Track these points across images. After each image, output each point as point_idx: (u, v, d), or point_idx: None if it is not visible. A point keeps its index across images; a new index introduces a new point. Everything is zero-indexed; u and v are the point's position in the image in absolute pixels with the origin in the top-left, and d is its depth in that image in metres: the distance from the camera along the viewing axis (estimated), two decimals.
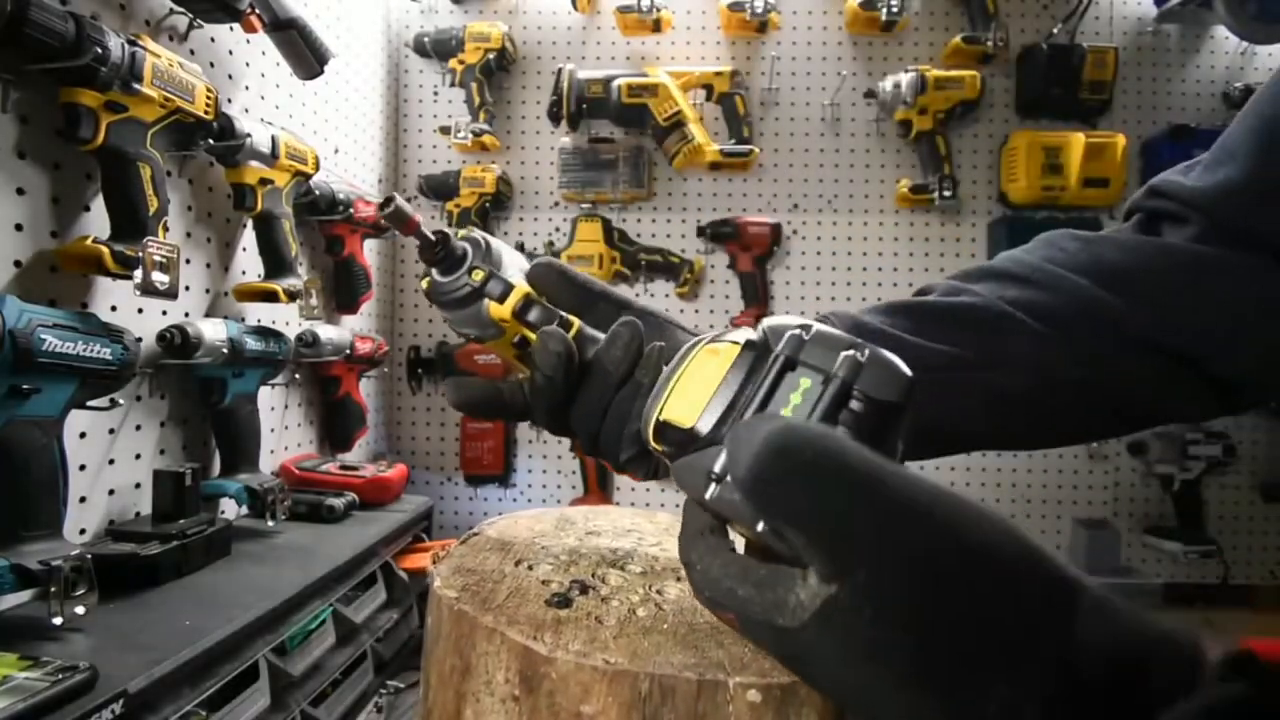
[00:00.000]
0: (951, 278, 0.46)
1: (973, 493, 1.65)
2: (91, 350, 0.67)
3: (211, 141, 0.91)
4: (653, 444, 0.33)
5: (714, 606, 0.28)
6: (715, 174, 1.67)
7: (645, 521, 0.50)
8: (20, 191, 0.71)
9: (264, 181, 0.99)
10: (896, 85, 1.59)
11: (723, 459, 0.27)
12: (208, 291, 1.00)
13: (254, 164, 0.97)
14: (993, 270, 0.45)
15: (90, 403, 0.71)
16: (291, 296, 1.03)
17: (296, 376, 1.24)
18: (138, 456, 0.87)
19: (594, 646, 0.30)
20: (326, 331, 1.19)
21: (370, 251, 1.47)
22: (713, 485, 0.28)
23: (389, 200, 0.38)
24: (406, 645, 1.14)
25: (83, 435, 0.79)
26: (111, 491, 0.83)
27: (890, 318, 0.43)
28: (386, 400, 1.69)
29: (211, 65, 0.99)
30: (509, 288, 0.39)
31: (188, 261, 0.95)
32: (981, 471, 1.66)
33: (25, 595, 0.69)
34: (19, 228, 0.71)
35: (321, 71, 1.11)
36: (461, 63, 1.59)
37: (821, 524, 0.22)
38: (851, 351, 0.27)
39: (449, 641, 0.33)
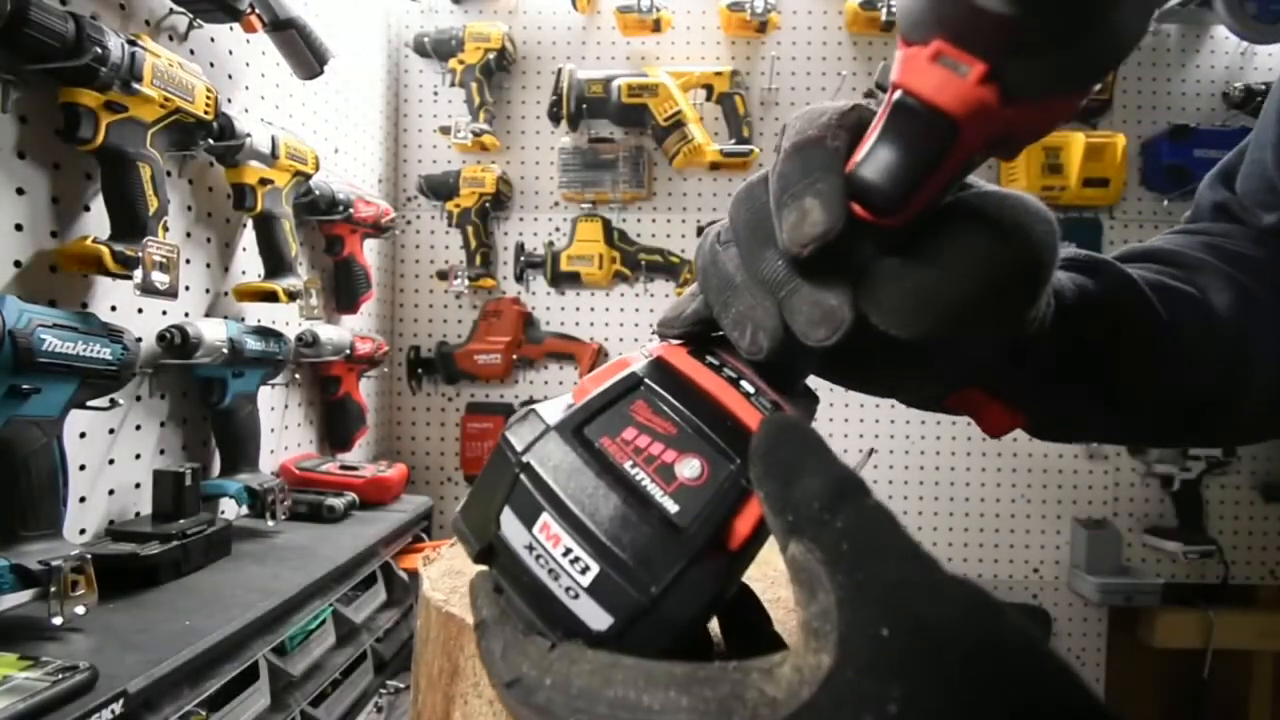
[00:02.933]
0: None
1: (972, 494, 1.65)
2: (91, 350, 0.67)
3: (211, 141, 0.91)
4: None
5: None
6: (715, 174, 1.67)
7: None
8: (20, 191, 0.71)
9: (264, 181, 0.99)
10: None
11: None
12: (208, 291, 1.00)
13: (254, 164, 0.97)
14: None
15: (90, 403, 0.71)
16: (291, 296, 1.02)
17: (296, 376, 1.24)
18: (138, 456, 0.87)
19: None
20: (326, 331, 1.19)
21: (370, 251, 1.47)
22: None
23: None
24: (406, 645, 1.14)
25: (83, 435, 0.79)
26: (111, 491, 0.83)
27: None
28: (386, 400, 1.69)
29: (211, 65, 0.99)
30: None
31: (188, 261, 0.95)
32: (981, 471, 1.66)
33: (25, 595, 0.69)
34: (19, 228, 0.71)
35: (321, 71, 1.11)
36: (461, 63, 1.58)
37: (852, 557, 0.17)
38: None
39: (437, 644, 0.33)
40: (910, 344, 0.23)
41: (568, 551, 0.22)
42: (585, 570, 0.21)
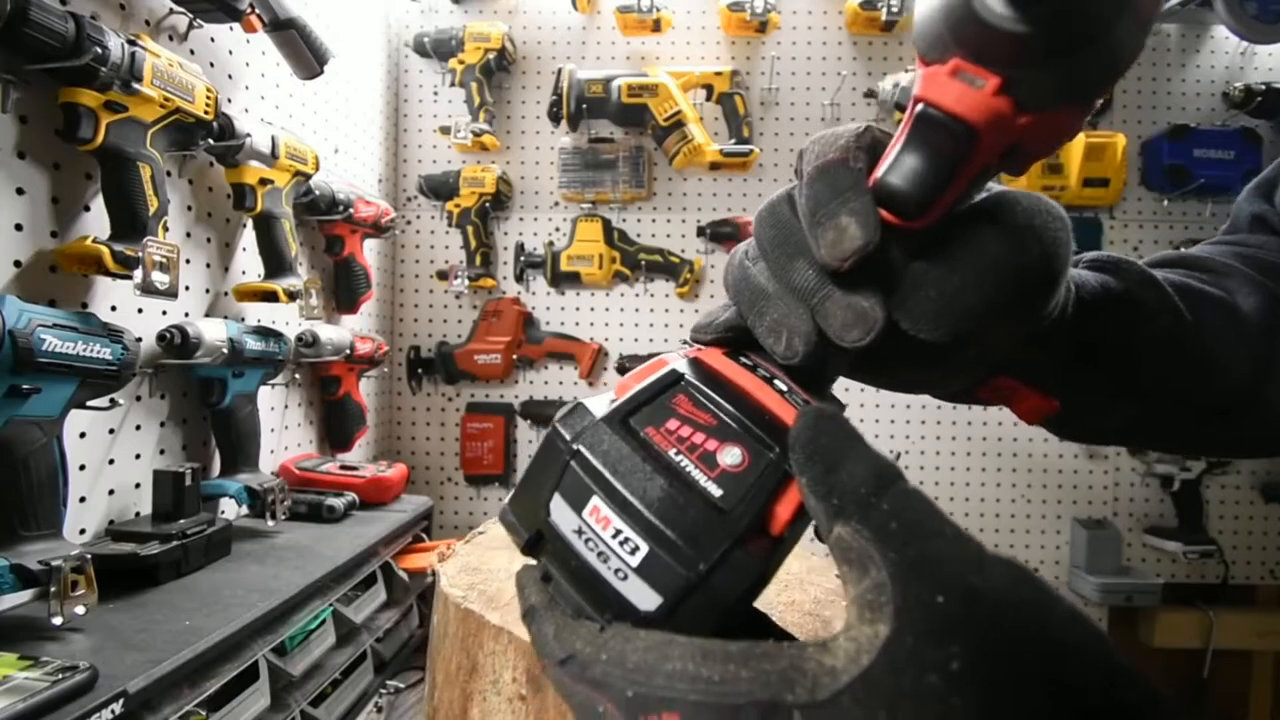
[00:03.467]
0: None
1: (972, 494, 1.65)
2: (91, 350, 0.67)
3: (211, 141, 0.91)
4: None
5: (644, 708, 0.19)
6: (715, 174, 1.67)
7: None
8: (20, 191, 0.71)
9: (264, 181, 0.99)
10: (896, 85, 1.59)
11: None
12: (208, 291, 1.00)
13: (254, 164, 0.97)
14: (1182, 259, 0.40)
15: (90, 403, 0.71)
16: (291, 296, 1.02)
17: (296, 376, 1.24)
18: (138, 456, 0.87)
19: None
20: (326, 331, 1.19)
21: (370, 251, 1.47)
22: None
23: None
24: (406, 645, 1.14)
25: (83, 435, 0.79)
26: (111, 491, 0.83)
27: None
28: (386, 400, 1.69)
29: (211, 65, 0.99)
30: None
31: (188, 261, 0.95)
32: (981, 471, 1.66)
33: (25, 595, 0.69)
34: (19, 228, 0.71)
35: (321, 71, 1.11)
36: (461, 63, 1.58)
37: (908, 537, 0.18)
38: None
39: (455, 640, 0.33)
40: (936, 343, 0.25)
41: (617, 533, 0.22)
42: (635, 550, 0.22)
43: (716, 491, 0.23)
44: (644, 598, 0.22)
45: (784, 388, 0.26)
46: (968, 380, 0.31)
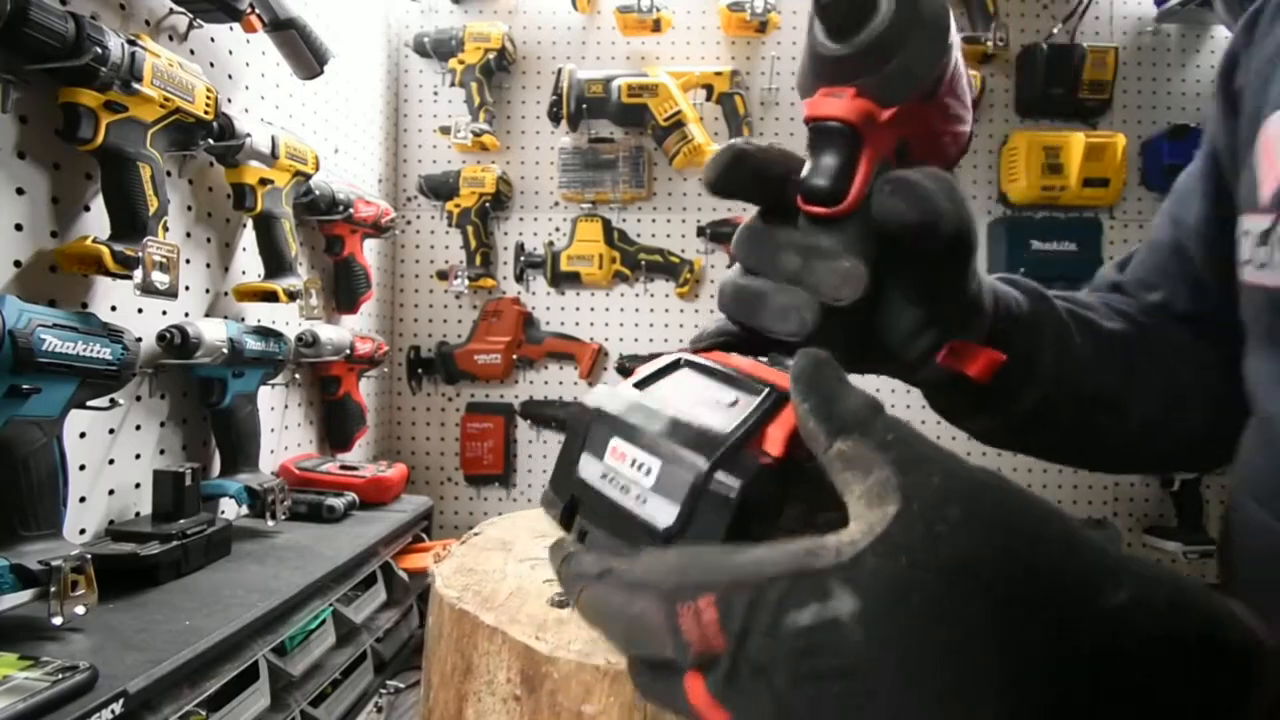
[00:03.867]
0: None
1: None
2: (91, 350, 0.67)
3: (211, 141, 0.91)
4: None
5: (681, 596, 0.21)
6: None
7: None
8: (20, 191, 0.71)
9: (264, 181, 0.99)
10: None
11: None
12: (208, 291, 1.00)
13: (254, 164, 0.97)
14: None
15: (90, 403, 0.71)
16: (291, 296, 1.03)
17: (296, 376, 1.24)
18: (138, 456, 0.87)
19: (596, 646, 0.30)
20: (326, 331, 1.19)
21: (370, 251, 1.47)
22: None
23: None
24: (406, 645, 1.14)
25: (83, 435, 0.79)
26: (111, 491, 0.83)
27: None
28: (386, 400, 1.69)
29: (211, 65, 0.99)
30: None
31: (188, 261, 0.95)
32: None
33: (25, 595, 0.69)
34: (19, 228, 0.71)
35: (321, 71, 1.11)
36: (461, 63, 1.59)
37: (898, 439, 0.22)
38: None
39: (450, 641, 0.33)
40: (902, 292, 0.32)
41: (634, 461, 0.26)
42: (649, 471, 0.26)
43: (714, 421, 0.26)
44: (662, 512, 0.25)
45: (775, 366, 0.30)
46: (926, 347, 0.36)
